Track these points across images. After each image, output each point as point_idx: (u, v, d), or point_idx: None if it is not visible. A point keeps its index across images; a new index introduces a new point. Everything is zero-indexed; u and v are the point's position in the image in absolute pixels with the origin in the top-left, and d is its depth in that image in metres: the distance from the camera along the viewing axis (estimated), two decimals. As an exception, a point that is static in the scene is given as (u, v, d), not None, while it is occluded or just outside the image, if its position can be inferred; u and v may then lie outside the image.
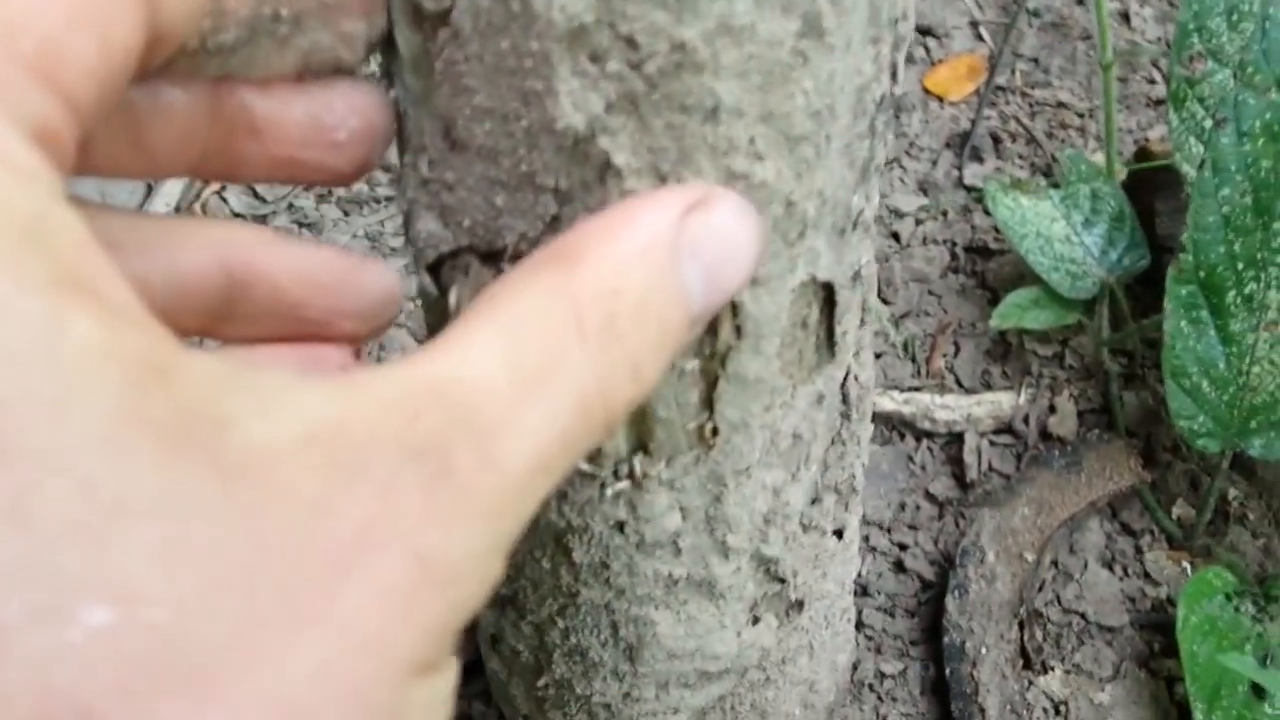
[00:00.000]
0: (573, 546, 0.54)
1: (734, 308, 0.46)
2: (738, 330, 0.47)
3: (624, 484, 0.51)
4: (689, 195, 0.37)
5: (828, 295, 0.50)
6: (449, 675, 0.30)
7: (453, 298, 0.46)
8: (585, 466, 0.51)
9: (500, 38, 0.38)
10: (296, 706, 0.25)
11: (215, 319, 0.42)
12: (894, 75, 0.48)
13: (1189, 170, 0.89)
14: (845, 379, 0.56)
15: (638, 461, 0.51)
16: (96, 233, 0.27)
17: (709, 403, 0.49)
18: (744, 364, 0.48)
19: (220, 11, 0.36)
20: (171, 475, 0.25)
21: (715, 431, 0.50)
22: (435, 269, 0.46)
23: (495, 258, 0.45)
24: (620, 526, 0.53)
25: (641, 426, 0.50)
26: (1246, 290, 0.79)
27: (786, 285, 0.47)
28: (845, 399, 0.57)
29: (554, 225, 0.42)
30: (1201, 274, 0.79)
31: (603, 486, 0.51)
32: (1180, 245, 0.80)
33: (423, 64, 0.41)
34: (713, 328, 0.47)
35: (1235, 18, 0.86)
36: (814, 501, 0.59)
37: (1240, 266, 0.79)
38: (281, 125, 0.41)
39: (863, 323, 0.57)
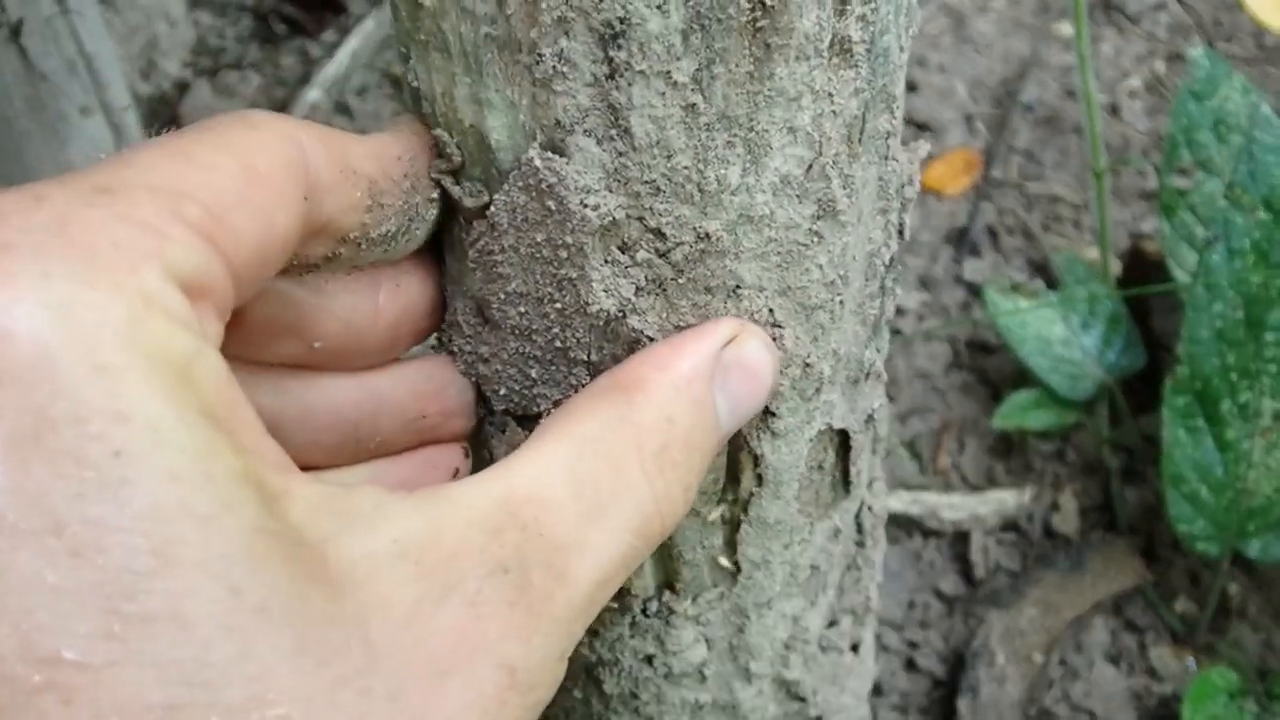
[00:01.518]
0: (603, 678, 0.57)
1: (755, 459, 0.49)
2: (759, 478, 0.50)
3: (654, 620, 0.54)
4: (726, 330, 0.42)
5: (843, 440, 0.52)
6: None
7: (496, 453, 0.49)
8: (613, 604, 0.53)
9: (535, 231, 0.41)
10: None
11: (348, 452, 0.45)
12: (901, 234, 0.51)
13: (1181, 274, 0.92)
14: (860, 511, 0.59)
15: (666, 599, 0.53)
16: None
17: (732, 544, 0.52)
18: (765, 508, 0.51)
19: (379, 205, 0.39)
20: (295, 585, 0.28)
21: (738, 569, 0.53)
22: (475, 428, 0.49)
23: (530, 420, 0.47)
24: (649, 660, 0.56)
25: (669, 566, 0.52)
26: (1241, 399, 0.82)
27: (804, 436, 0.49)
28: (860, 528, 0.60)
29: (588, 395, 0.45)
30: (1197, 384, 0.82)
31: (632, 623, 0.54)
32: (1176, 358, 0.83)
33: (457, 249, 0.44)
34: (735, 476, 0.50)
35: (1223, 130, 0.90)
36: (831, 624, 0.61)
37: (1234, 377, 0.82)
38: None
39: (874, 452, 0.59)
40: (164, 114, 1.46)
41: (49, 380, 0.26)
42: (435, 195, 0.43)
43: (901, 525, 1.05)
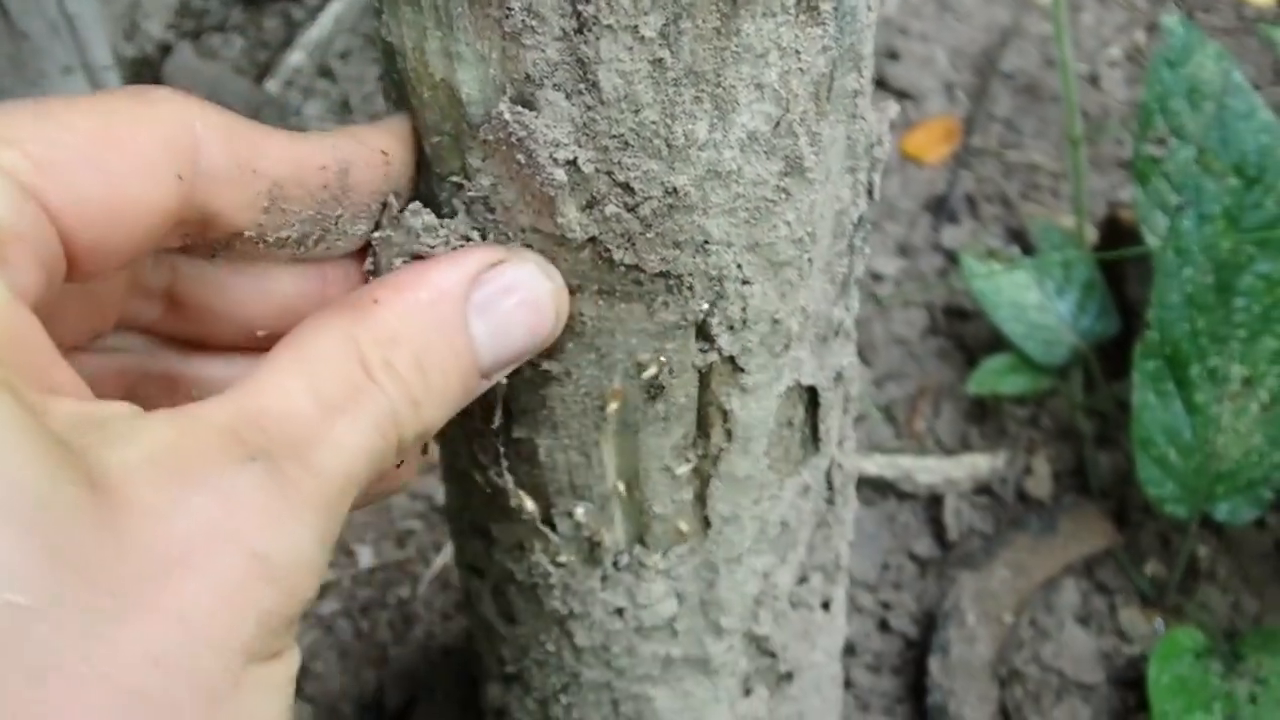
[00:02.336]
0: (575, 631, 0.58)
1: (724, 414, 0.50)
2: (728, 434, 0.50)
3: (625, 574, 0.55)
4: (486, 256, 0.42)
5: (812, 397, 0.53)
6: (290, 664, 0.34)
7: None
8: (584, 557, 0.54)
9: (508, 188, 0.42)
10: (131, 687, 0.29)
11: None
12: (870, 194, 0.51)
13: (1155, 241, 0.93)
14: (829, 468, 0.59)
15: (637, 553, 0.54)
16: None
17: (702, 499, 0.53)
18: (734, 463, 0.52)
19: (279, 209, 0.40)
20: (51, 490, 0.29)
21: (708, 524, 0.54)
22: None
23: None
24: (620, 612, 0.56)
25: (639, 520, 0.53)
26: (1210, 364, 0.83)
27: (773, 392, 0.50)
28: (830, 486, 0.60)
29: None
30: (1167, 349, 0.83)
31: (604, 577, 0.55)
32: (1146, 322, 0.84)
33: (430, 205, 0.45)
34: (704, 431, 0.50)
35: (1197, 98, 0.90)
36: (802, 581, 0.62)
37: (1204, 342, 0.83)
38: None
39: (845, 411, 0.60)
40: (147, 75, 1.46)
41: None
42: (372, 210, 0.43)
43: (876, 488, 1.06)
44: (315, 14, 1.52)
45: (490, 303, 0.41)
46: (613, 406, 0.48)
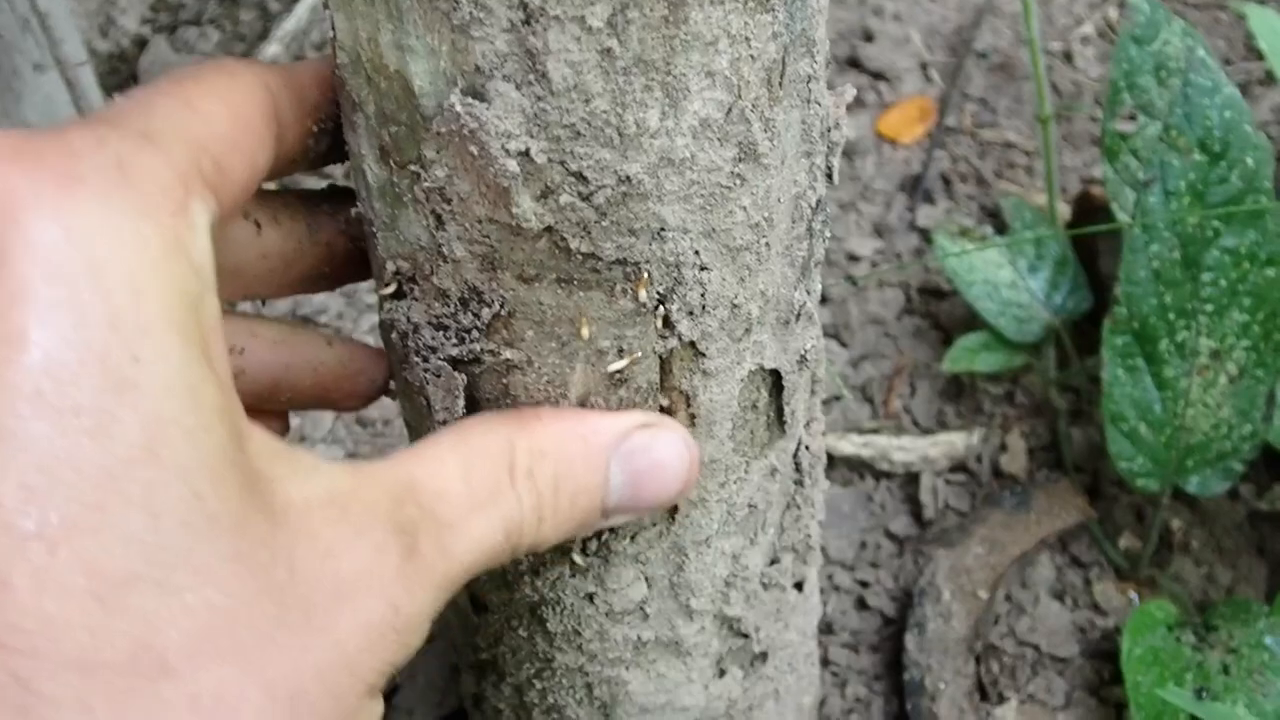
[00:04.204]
0: (547, 617, 0.58)
1: (686, 398, 0.50)
2: (691, 418, 0.51)
3: (593, 559, 0.55)
4: (643, 418, 0.48)
5: (775, 380, 0.53)
6: (379, 710, 0.39)
7: (433, 399, 0.50)
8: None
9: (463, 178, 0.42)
10: (295, 690, 0.34)
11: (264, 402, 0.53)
12: (829, 177, 0.52)
13: (1124, 218, 0.94)
14: (797, 450, 0.60)
15: (605, 538, 0.55)
16: None
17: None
18: (699, 447, 0.52)
19: (324, 130, 0.47)
20: (242, 506, 0.34)
21: (675, 508, 0.54)
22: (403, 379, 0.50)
23: (465, 364, 0.48)
24: (590, 597, 0.57)
25: (607, 506, 0.54)
26: (1179, 338, 0.84)
27: (735, 376, 0.51)
28: (798, 467, 0.61)
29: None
30: (1135, 324, 0.84)
31: (573, 563, 0.55)
32: (1114, 298, 0.84)
33: (388, 193, 0.45)
34: (669, 416, 0.51)
35: (1163, 74, 0.91)
36: (773, 562, 0.63)
37: (1172, 316, 0.83)
38: None
39: (813, 393, 0.61)
40: (123, 70, 1.45)
41: (94, 288, 0.32)
42: None
43: (853, 468, 1.06)
44: (291, 5, 1.52)
45: (632, 454, 0.47)
46: (575, 393, 0.49)
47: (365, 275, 0.53)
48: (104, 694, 0.30)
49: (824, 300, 1.20)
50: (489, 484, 0.42)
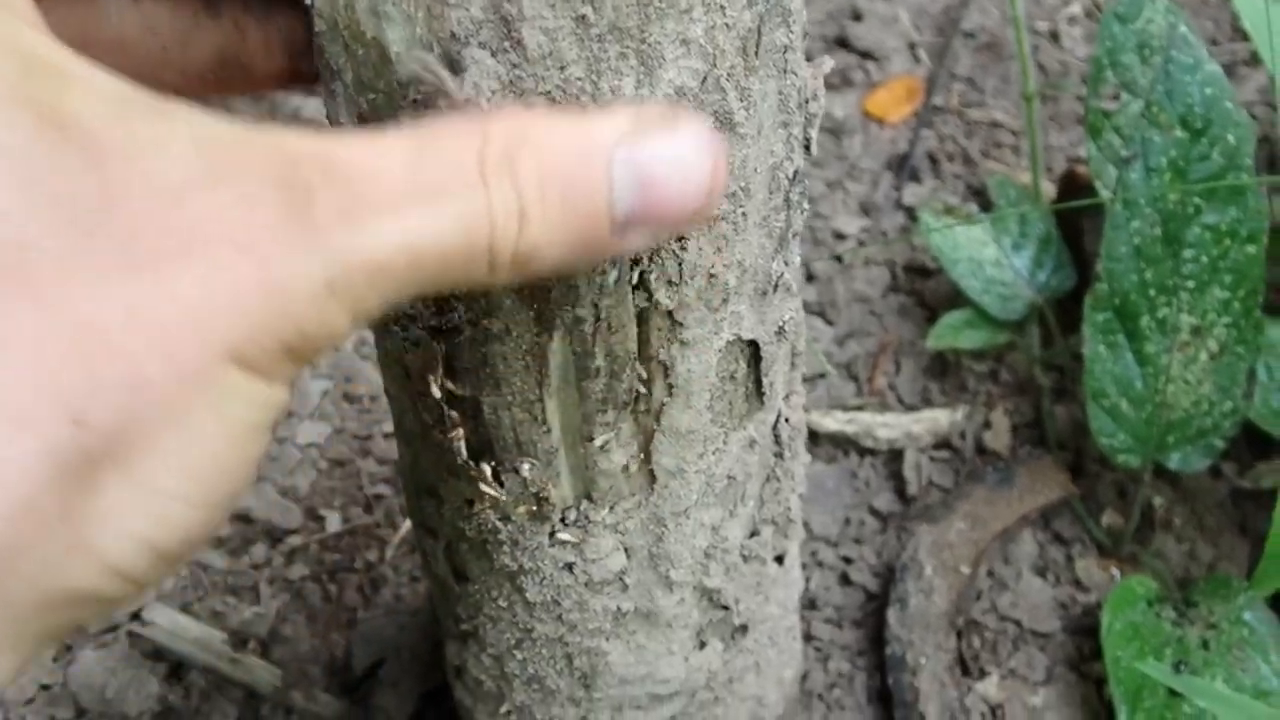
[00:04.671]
0: (526, 587, 0.58)
1: (664, 368, 0.50)
2: (669, 388, 0.51)
3: (573, 529, 0.56)
4: (653, 110, 0.38)
5: (753, 351, 0.54)
6: (277, 395, 0.33)
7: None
8: (533, 513, 0.55)
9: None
10: (100, 329, 0.29)
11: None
12: (807, 149, 0.52)
13: (1108, 195, 0.94)
14: (776, 422, 0.60)
15: (584, 508, 0.55)
16: None
17: (646, 453, 0.53)
18: (676, 417, 0.52)
19: None
20: (45, 140, 0.29)
21: (653, 478, 0.55)
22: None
23: (445, 333, 0.49)
24: (569, 567, 0.57)
25: (585, 476, 0.54)
26: (1160, 315, 0.84)
27: (713, 346, 0.51)
28: (778, 440, 0.61)
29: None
30: (1116, 301, 0.84)
31: (552, 533, 0.56)
32: (1096, 275, 0.85)
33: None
34: (647, 386, 0.51)
35: (1146, 52, 0.91)
36: (752, 535, 0.63)
37: (1153, 293, 0.84)
38: None
39: (793, 366, 0.61)
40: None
41: None
42: None
43: (838, 444, 1.07)
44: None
45: (640, 151, 0.37)
46: (554, 362, 0.49)
47: (306, 80, 0.48)
48: None
49: (810, 278, 1.20)
50: (445, 173, 0.34)
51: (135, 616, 0.97)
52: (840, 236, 1.25)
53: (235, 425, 0.32)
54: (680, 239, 0.46)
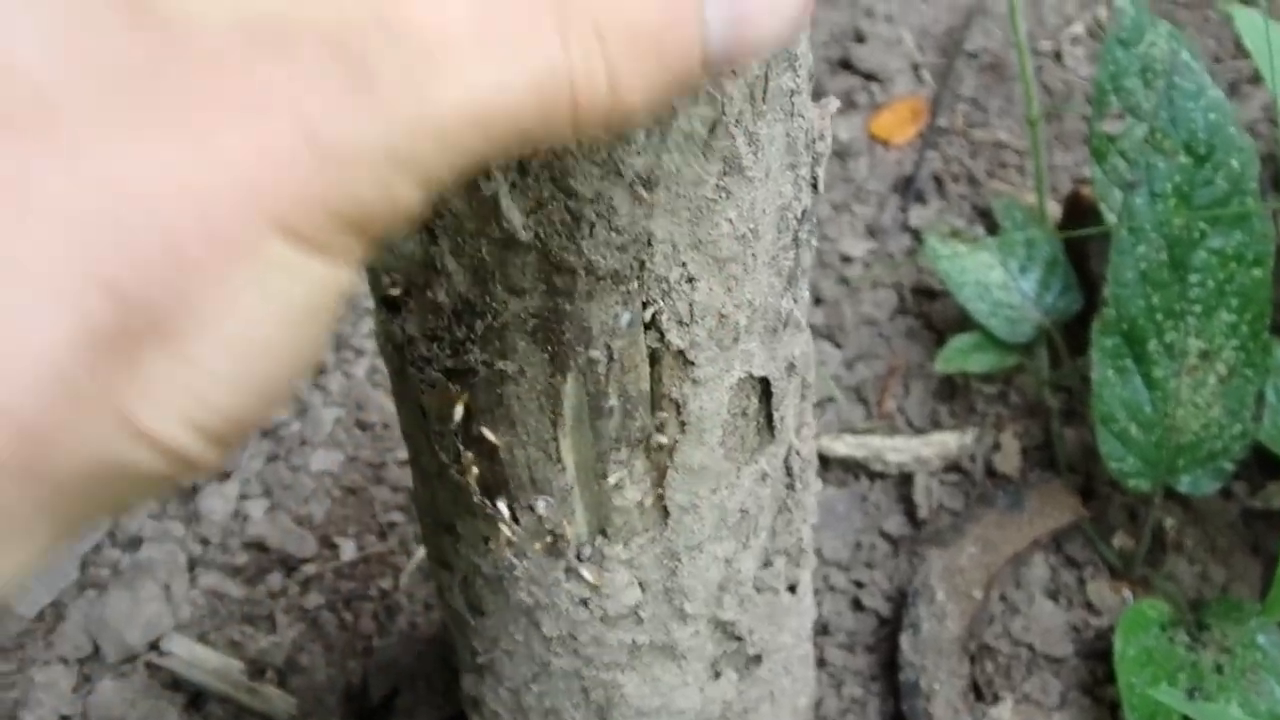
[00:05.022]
0: (542, 621, 0.59)
1: (677, 406, 0.51)
2: (682, 425, 0.52)
3: (588, 564, 0.56)
4: None
5: (764, 387, 0.54)
6: (336, 272, 0.30)
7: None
8: (548, 549, 0.56)
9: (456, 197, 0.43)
10: (132, 190, 0.27)
11: None
12: (815, 187, 0.52)
13: (1113, 218, 0.94)
14: (788, 455, 0.61)
15: (599, 544, 0.56)
16: None
17: (660, 490, 0.54)
18: (689, 454, 0.53)
19: None
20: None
21: (667, 514, 0.55)
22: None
23: (460, 375, 0.49)
24: (585, 602, 0.58)
25: (600, 512, 0.54)
26: (1167, 339, 0.85)
27: (724, 384, 0.51)
28: (789, 472, 0.62)
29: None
30: (1124, 326, 0.85)
31: (567, 568, 0.56)
32: (1103, 300, 0.85)
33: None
34: (660, 424, 0.52)
35: (1150, 76, 0.92)
36: (765, 565, 0.64)
37: (1160, 317, 0.84)
38: None
39: (803, 398, 0.62)
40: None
41: None
42: None
43: (848, 468, 1.07)
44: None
45: None
46: (568, 402, 0.49)
47: None
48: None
49: (817, 301, 1.20)
50: (514, 24, 0.31)
51: (153, 647, 0.97)
52: (847, 259, 1.25)
53: (285, 304, 0.30)
54: (690, 279, 0.47)
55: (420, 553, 1.04)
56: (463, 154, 0.31)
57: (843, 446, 1.06)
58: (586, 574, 0.56)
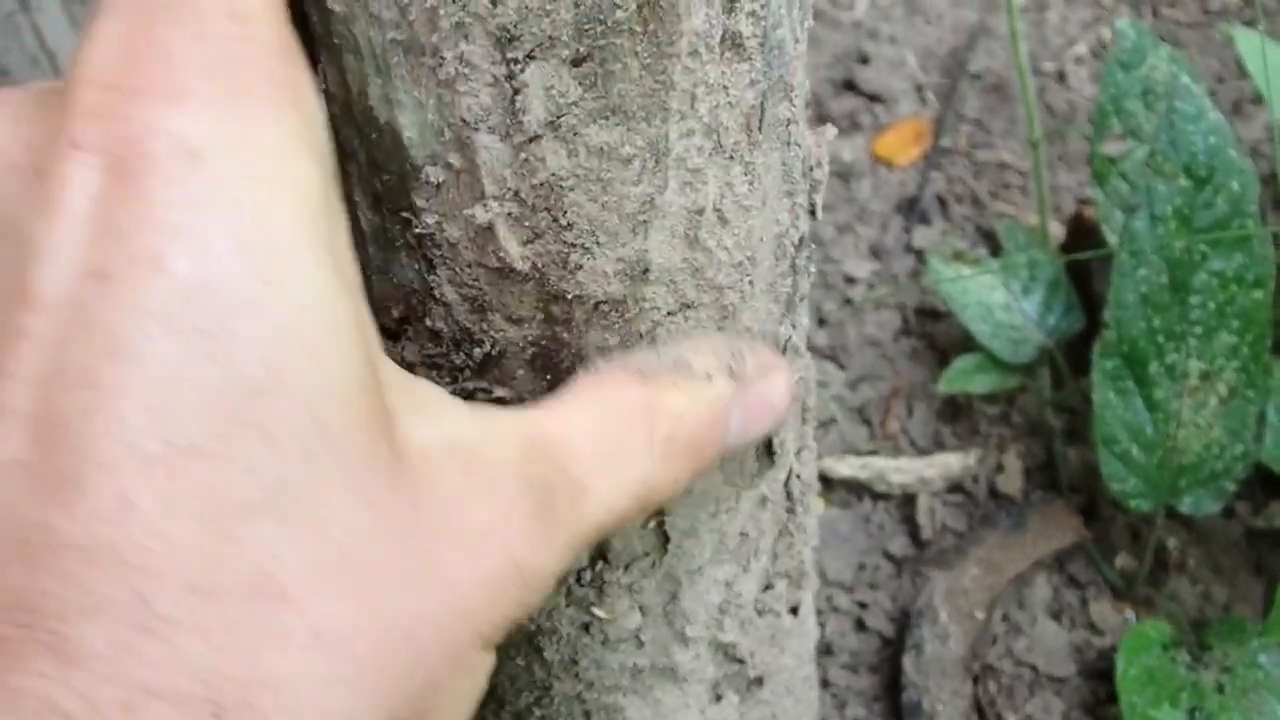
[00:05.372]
0: (543, 646, 0.59)
1: (676, 433, 0.51)
2: (681, 452, 0.52)
3: (588, 590, 0.56)
4: (756, 362, 0.47)
5: (763, 413, 0.54)
6: (491, 662, 0.38)
7: None
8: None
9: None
10: (410, 630, 0.33)
11: None
12: (813, 214, 0.53)
13: (1115, 240, 0.95)
14: (788, 479, 0.61)
15: (599, 569, 0.56)
16: None
17: (660, 515, 0.54)
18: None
19: None
20: (368, 438, 0.33)
21: (667, 539, 0.55)
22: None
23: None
24: (586, 627, 0.58)
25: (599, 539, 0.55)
26: (1168, 361, 0.85)
27: (723, 410, 0.52)
28: (789, 496, 0.62)
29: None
30: (1125, 348, 0.85)
31: (568, 592, 0.56)
32: (1104, 322, 0.85)
33: (381, 239, 0.46)
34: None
35: (1150, 99, 0.92)
36: (766, 588, 0.64)
37: (1161, 339, 0.85)
38: None
39: (804, 422, 0.62)
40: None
41: (220, 209, 0.31)
42: None
43: (851, 489, 1.07)
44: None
45: (749, 403, 0.47)
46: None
47: None
48: (221, 618, 0.30)
49: (821, 322, 1.21)
50: (624, 445, 0.41)
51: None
52: (850, 280, 1.26)
53: (471, 697, 0.37)
54: (688, 306, 0.47)
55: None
56: (588, 547, 0.44)
57: (846, 468, 1.07)
58: (588, 598, 0.57)
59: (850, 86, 1.48)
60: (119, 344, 0.30)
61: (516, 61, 0.39)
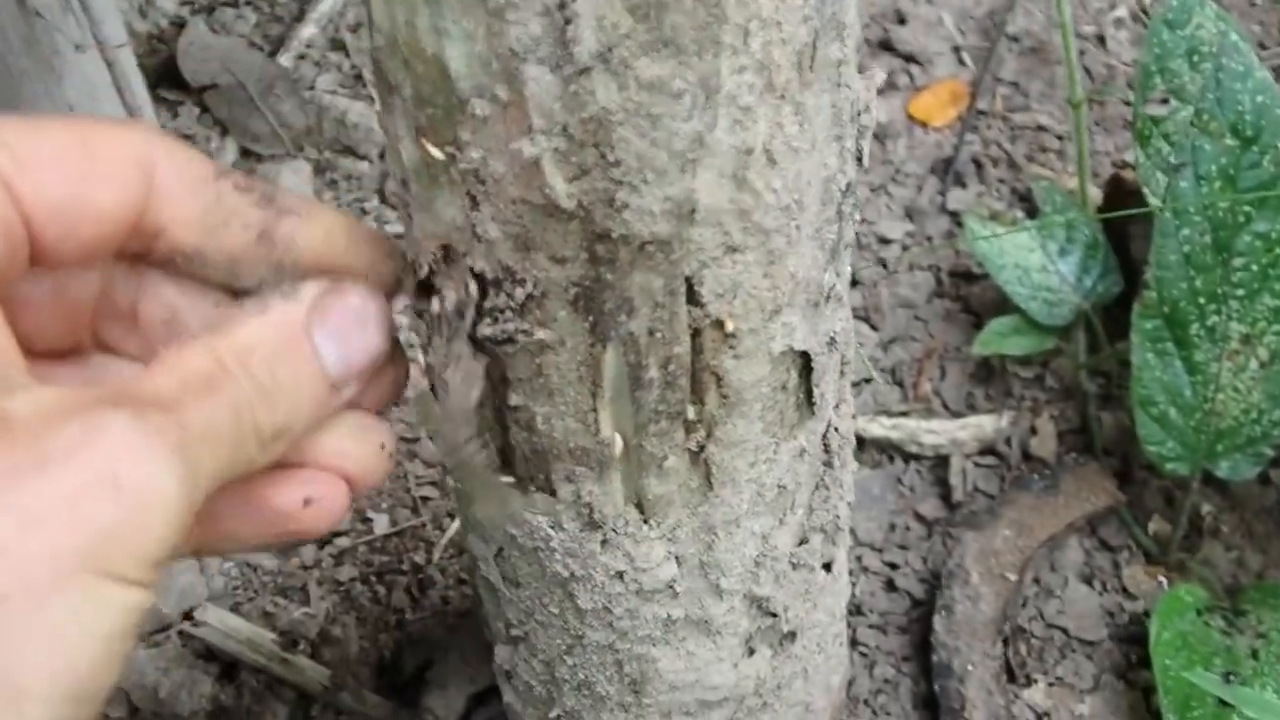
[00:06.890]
0: (577, 594, 0.59)
1: (718, 379, 0.51)
2: (722, 398, 0.51)
3: (623, 538, 0.56)
4: (319, 288, 0.48)
5: (805, 362, 0.54)
6: (137, 599, 0.38)
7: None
8: (585, 522, 0.56)
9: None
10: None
11: None
12: (859, 160, 0.52)
13: (1156, 202, 0.94)
14: (826, 431, 0.60)
15: (635, 517, 0.55)
16: None
17: (699, 463, 0.54)
18: (729, 428, 0.53)
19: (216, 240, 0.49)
20: None
21: (706, 488, 0.55)
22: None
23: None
24: (620, 575, 0.58)
25: (637, 485, 0.54)
26: (1209, 323, 0.84)
27: (765, 357, 0.51)
28: (827, 449, 0.61)
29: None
30: (1165, 309, 0.84)
31: (603, 540, 0.56)
32: (1145, 283, 0.84)
33: (423, 175, 0.46)
34: (699, 396, 0.51)
35: (1196, 59, 0.91)
36: (802, 543, 0.63)
37: (1202, 301, 0.84)
38: None
39: (842, 374, 0.61)
40: (161, 51, 1.46)
41: None
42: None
43: (883, 450, 1.07)
44: (324, -13, 1.52)
45: (328, 322, 0.48)
46: (608, 373, 0.49)
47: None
48: None
49: (855, 283, 1.20)
50: (202, 377, 0.43)
51: (187, 617, 0.98)
52: (885, 241, 1.25)
53: (100, 631, 0.37)
54: (734, 250, 0.46)
55: (453, 528, 1.04)
56: (205, 471, 0.42)
57: (878, 428, 1.06)
58: (623, 546, 0.56)
59: (887, 47, 1.46)
60: None
61: (567, -9, 0.38)
